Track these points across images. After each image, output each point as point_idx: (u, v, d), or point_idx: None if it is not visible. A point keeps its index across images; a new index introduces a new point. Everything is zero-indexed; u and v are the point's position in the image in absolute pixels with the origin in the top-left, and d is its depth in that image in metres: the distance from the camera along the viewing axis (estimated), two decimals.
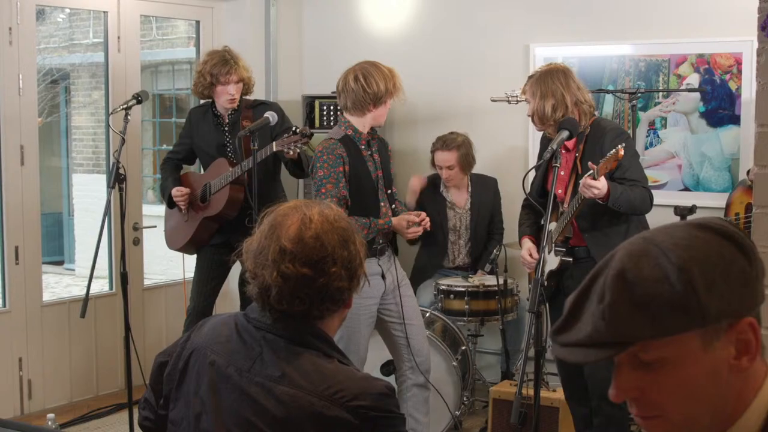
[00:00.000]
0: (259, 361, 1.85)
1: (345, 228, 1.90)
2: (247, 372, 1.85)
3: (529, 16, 5.46)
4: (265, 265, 1.85)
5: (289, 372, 1.81)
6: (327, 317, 1.91)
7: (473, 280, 4.92)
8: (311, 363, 1.83)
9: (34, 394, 5.12)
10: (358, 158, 3.93)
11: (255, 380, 1.83)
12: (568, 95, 3.69)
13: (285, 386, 1.80)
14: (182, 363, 1.95)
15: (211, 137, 4.75)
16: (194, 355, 1.94)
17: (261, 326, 1.89)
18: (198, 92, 4.72)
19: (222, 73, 4.56)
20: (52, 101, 9.63)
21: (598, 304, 1.17)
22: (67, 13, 8.91)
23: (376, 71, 3.91)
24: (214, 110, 4.76)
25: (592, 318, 1.18)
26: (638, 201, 3.62)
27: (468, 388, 4.78)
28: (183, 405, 1.94)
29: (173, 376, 1.96)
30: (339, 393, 1.79)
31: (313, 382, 1.80)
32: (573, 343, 1.20)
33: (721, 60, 4.88)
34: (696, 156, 5.02)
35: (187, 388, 1.93)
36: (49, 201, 10.03)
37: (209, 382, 1.89)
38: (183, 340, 2.02)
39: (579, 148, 3.73)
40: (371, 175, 3.97)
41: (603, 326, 1.16)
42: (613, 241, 3.59)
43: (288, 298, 1.84)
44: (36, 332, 5.12)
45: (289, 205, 1.94)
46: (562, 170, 3.75)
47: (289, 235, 1.85)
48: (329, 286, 1.85)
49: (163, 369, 2.00)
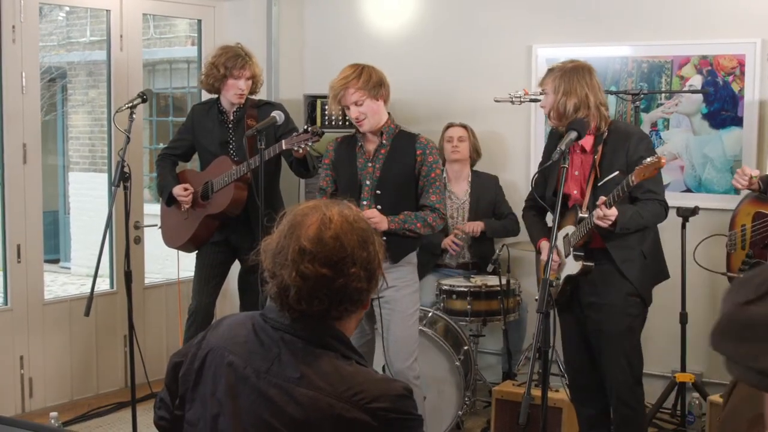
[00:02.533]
0: (277, 362, 1.84)
1: (364, 229, 1.90)
2: (265, 373, 1.84)
3: (531, 17, 5.46)
4: (284, 264, 1.84)
5: (308, 373, 1.80)
6: (345, 318, 1.90)
7: (475, 281, 4.93)
8: (330, 364, 1.82)
9: (35, 393, 5.11)
10: (348, 154, 4.02)
11: (273, 382, 1.82)
12: (592, 96, 3.64)
13: (304, 388, 1.79)
14: (198, 363, 1.94)
15: (215, 134, 4.73)
16: (210, 356, 1.93)
17: (279, 327, 1.88)
18: (208, 84, 4.68)
19: (236, 66, 4.57)
20: (49, 100, 9.60)
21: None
22: (66, 12, 8.88)
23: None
24: (219, 107, 4.75)
25: None
26: (650, 219, 3.61)
27: (470, 388, 4.79)
28: (200, 406, 1.92)
29: (189, 377, 1.95)
30: (359, 395, 1.78)
31: (333, 383, 1.79)
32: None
33: (724, 62, 4.89)
34: (698, 157, 5.03)
35: (204, 389, 1.92)
36: (46, 199, 9.99)
37: (227, 383, 1.87)
38: (198, 340, 2.00)
39: (597, 150, 3.68)
40: (357, 172, 3.99)
41: None
42: (630, 243, 3.63)
43: (307, 299, 1.83)
44: (37, 330, 5.11)
45: (309, 205, 1.93)
46: (577, 170, 3.73)
47: (308, 235, 1.84)
48: (348, 287, 1.84)
49: (178, 369, 1.98)
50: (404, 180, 3.97)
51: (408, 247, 3.99)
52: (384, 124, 3.99)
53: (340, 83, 3.92)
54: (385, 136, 4.00)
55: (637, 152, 3.57)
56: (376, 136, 4.00)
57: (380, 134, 4.00)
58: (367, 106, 3.91)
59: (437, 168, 3.97)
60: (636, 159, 3.50)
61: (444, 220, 4.00)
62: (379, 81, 3.93)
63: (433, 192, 3.94)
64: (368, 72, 3.93)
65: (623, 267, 3.63)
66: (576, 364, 3.89)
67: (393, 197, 3.97)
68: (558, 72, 3.70)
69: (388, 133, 4.01)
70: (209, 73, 4.64)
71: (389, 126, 4.01)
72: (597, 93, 3.66)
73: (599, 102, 3.66)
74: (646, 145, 3.65)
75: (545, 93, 3.73)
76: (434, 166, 3.96)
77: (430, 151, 3.96)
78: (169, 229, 4.89)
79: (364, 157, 4.02)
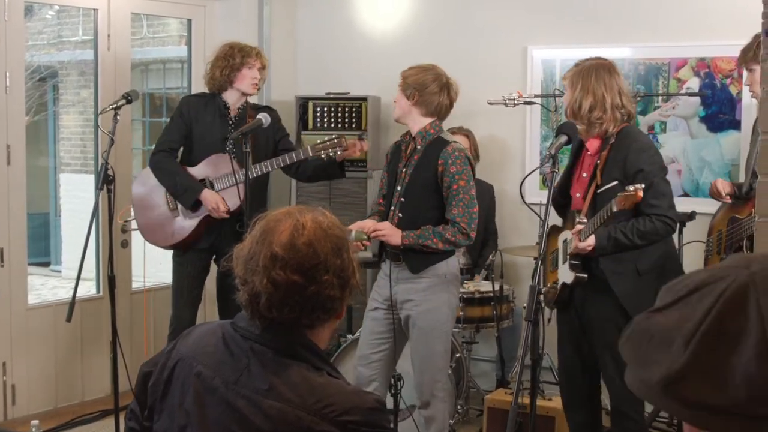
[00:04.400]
0: (246, 373, 1.81)
1: (339, 236, 1.87)
2: (233, 384, 1.81)
3: (527, 18, 5.39)
4: (255, 271, 1.82)
5: (277, 385, 1.77)
6: (317, 327, 1.87)
7: (468, 286, 4.84)
8: (300, 376, 1.79)
9: (18, 400, 5.00)
10: (395, 157, 4.03)
11: (242, 393, 1.79)
12: (609, 97, 3.52)
13: (272, 400, 1.76)
14: (167, 373, 1.91)
15: (216, 128, 4.57)
16: (179, 366, 1.90)
17: (249, 336, 1.85)
18: (221, 77, 4.52)
19: (251, 55, 4.54)
20: (39, 99, 9.51)
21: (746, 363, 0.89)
22: (56, 10, 8.79)
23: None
24: (222, 101, 4.60)
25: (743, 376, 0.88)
26: (637, 239, 3.43)
27: (462, 396, 4.71)
28: (167, 417, 1.89)
29: (158, 387, 1.92)
30: (328, 407, 1.74)
31: (302, 395, 1.76)
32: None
33: (722, 64, 4.82)
34: (696, 161, 4.96)
35: (172, 400, 1.88)
36: (36, 201, 9.90)
37: (195, 394, 1.84)
38: (168, 350, 1.98)
39: (601, 155, 3.56)
40: (396, 176, 3.96)
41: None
42: (624, 256, 3.50)
43: (278, 306, 1.80)
44: (20, 336, 5.01)
45: (282, 211, 1.90)
46: (585, 172, 3.63)
47: (280, 241, 1.81)
48: (320, 295, 1.81)
49: (147, 379, 1.95)
50: (427, 190, 3.85)
51: (431, 259, 3.83)
52: (421, 128, 3.90)
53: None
54: (419, 140, 3.90)
55: (636, 164, 3.44)
56: (412, 141, 3.94)
57: (414, 138, 3.93)
58: (398, 100, 3.97)
59: (461, 179, 3.79)
60: (633, 173, 3.41)
61: (467, 235, 3.79)
62: (417, 83, 3.88)
63: (455, 205, 3.78)
64: (417, 71, 3.95)
65: (612, 279, 3.50)
66: (569, 368, 3.81)
67: (416, 207, 3.86)
68: (579, 68, 3.60)
69: (424, 138, 3.90)
70: (223, 65, 4.50)
71: (427, 131, 3.90)
72: (615, 94, 3.53)
73: (615, 104, 3.53)
74: (647, 158, 3.49)
75: (565, 88, 3.65)
76: (457, 177, 3.79)
77: (453, 161, 3.79)
78: (153, 225, 4.65)
79: (403, 161, 3.96)
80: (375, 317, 3.99)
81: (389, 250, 3.90)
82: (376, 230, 3.81)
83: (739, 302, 0.90)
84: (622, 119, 3.58)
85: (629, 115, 3.61)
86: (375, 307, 4.00)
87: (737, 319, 0.89)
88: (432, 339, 3.87)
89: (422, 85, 3.87)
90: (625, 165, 3.47)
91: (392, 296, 3.92)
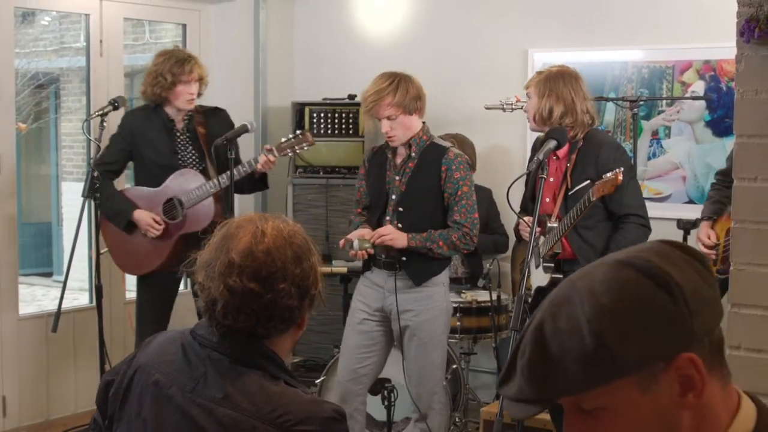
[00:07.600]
0: (202, 381, 1.81)
1: (300, 244, 1.85)
2: (189, 392, 1.81)
3: (528, 21, 5.30)
4: (212, 277, 1.82)
5: (232, 393, 1.77)
6: (275, 336, 1.85)
7: (466, 296, 4.74)
8: (256, 384, 1.78)
9: (9, 411, 4.93)
10: (379, 165, 3.90)
11: (197, 401, 1.79)
12: (578, 102, 3.59)
13: (227, 408, 1.76)
14: (126, 381, 1.90)
15: (163, 144, 4.40)
16: (138, 374, 1.89)
17: (207, 344, 1.85)
18: (154, 95, 4.36)
19: (184, 71, 4.31)
20: (38, 106, 9.45)
21: (520, 359, 1.15)
22: (55, 16, 8.73)
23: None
24: (165, 115, 4.44)
25: (519, 373, 1.16)
26: (621, 244, 3.44)
27: (459, 408, 4.60)
28: (125, 426, 1.88)
29: (117, 395, 1.91)
30: (283, 416, 1.73)
31: (257, 404, 1.75)
32: (509, 397, 1.17)
33: (728, 66, 4.70)
34: (701, 167, 4.85)
35: (130, 408, 1.88)
36: (38, 210, 9.82)
37: (152, 402, 1.84)
38: (129, 358, 1.98)
39: (571, 158, 3.61)
40: (385, 185, 3.85)
41: (524, 383, 1.14)
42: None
43: (233, 313, 1.79)
44: (12, 346, 4.94)
45: (245, 218, 1.89)
46: (552, 177, 3.63)
47: (239, 248, 1.80)
48: (277, 303, 1.80)
49: (109, 388, 1.94)
50: (429, 197, 3.79)
51: (433, 269, 3.81)
52: (414, 135, 3.80)
53: (373, 97, 3.72)
54: (414, 148, 3.82)
55: (608, 163, 3.48)
56: (405, 148, 3.83)
57: (409, 146, 3.82)
58: (400, 122, 3.74)
59: (464, 185, 3.76)
60: (608, 169, 3.41)
61: (472, 239, 3.76)
62: (416, 95, 3.76)
63: (458, 210, 3.75)
64: (405, 86, 3.74)
65: None
66: None
67: (416, 215, 3.79)
68: (544, 76, 3.64)
69: (418, 145, 3.82)
70: (155, 83, 4.33)
71: (420, 137, 3.81)
72: (583, 100, 3.61)
73: (583, 109, 3.61)
74: (619, 156, 3.58)
75: (529, 96, 3.67)
76: (461, 182, 3.76)
77: (457, 167, 3.76)
78: (127, 255, 4.46)
79: (393, 169, 3.86)
80: (363, 330, 3.90)
81: (382, 259, 3.81)
82: (380, 235, 3.73)
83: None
84: (588, 124, 3.65)
85: (593, 119, 3.69)
86: (363, 319, 3.90)
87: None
88: (430, 349, 3.84)
89: (418, 94, 3.79)
90: (597, 163, 3.52)
91: (386, 306, 3.83)
